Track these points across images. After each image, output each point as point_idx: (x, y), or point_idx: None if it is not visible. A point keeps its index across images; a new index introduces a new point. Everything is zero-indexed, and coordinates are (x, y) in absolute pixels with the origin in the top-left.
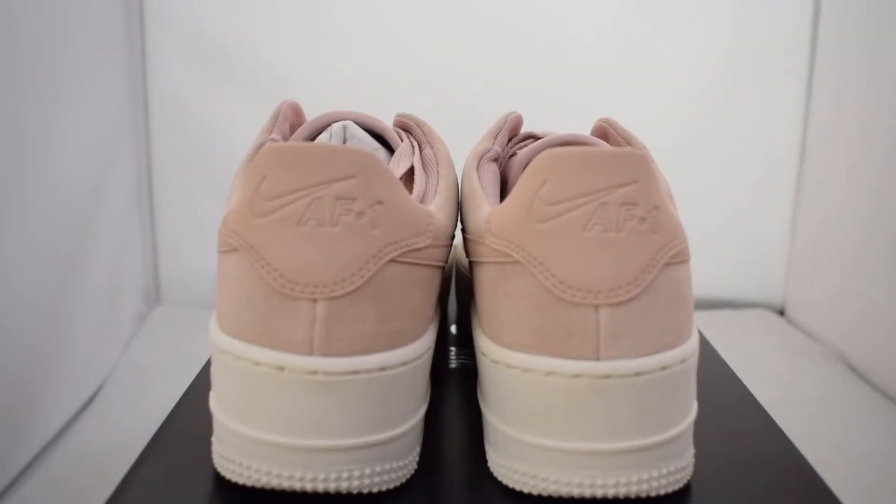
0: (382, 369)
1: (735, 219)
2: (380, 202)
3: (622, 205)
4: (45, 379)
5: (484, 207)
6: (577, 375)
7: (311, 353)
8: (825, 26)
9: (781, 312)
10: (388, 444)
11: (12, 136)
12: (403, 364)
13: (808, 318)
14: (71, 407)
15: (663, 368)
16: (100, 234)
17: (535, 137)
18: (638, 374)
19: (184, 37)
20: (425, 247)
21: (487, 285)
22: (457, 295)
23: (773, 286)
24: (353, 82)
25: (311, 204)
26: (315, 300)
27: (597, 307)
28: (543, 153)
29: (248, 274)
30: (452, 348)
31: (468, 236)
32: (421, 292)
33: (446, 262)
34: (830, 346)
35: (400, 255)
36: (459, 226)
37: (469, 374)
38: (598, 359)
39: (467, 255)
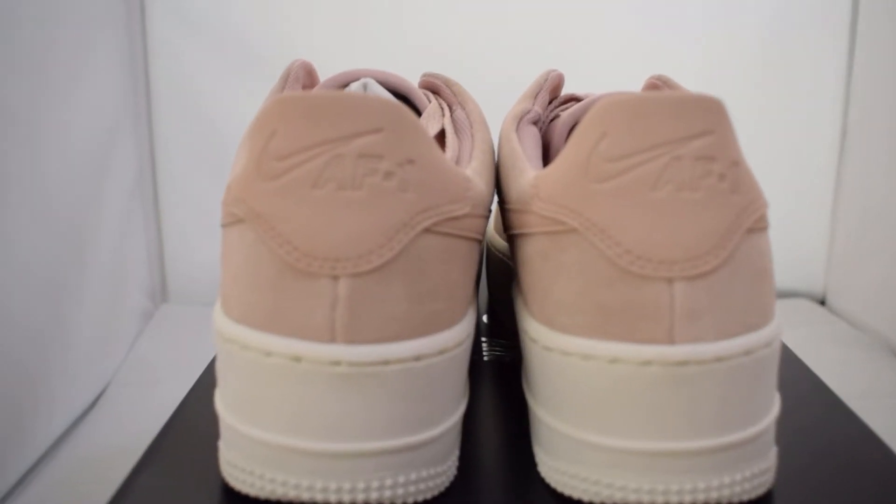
0: (417, 359)
1: (773, 207)
2: (410, 161)
3: (697, 159)
4: (48, 380)
5: (528, 171)
6: (648, 362)
7: (332, 340)
8: (865, 3)
9: (822, 302)
10: (424, 447)
11: (1, 125)
12: (441, 353)
13: (852, 308)
14: (75, 408)
15: (747, 353)
16: (101, 230)
17: (577, 99)
18: (719, 359)
19: (188, 15)
20: (464, 215)
21: (537, 260)
22: (487, 280)
23: (814, 275)
24: (369, 61)
25: (329, 163)
26: (336, 277)
27: (671, 280)
28: (602, 101)
29: (256, 248)
30: (484, 339)
31: (509, 206)
32: (459, 268)
33: (483, 236)
34: (877, 336)
35: (435, 224)
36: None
37: (505, 368)
38: (672, 342)
39: (507, 228)
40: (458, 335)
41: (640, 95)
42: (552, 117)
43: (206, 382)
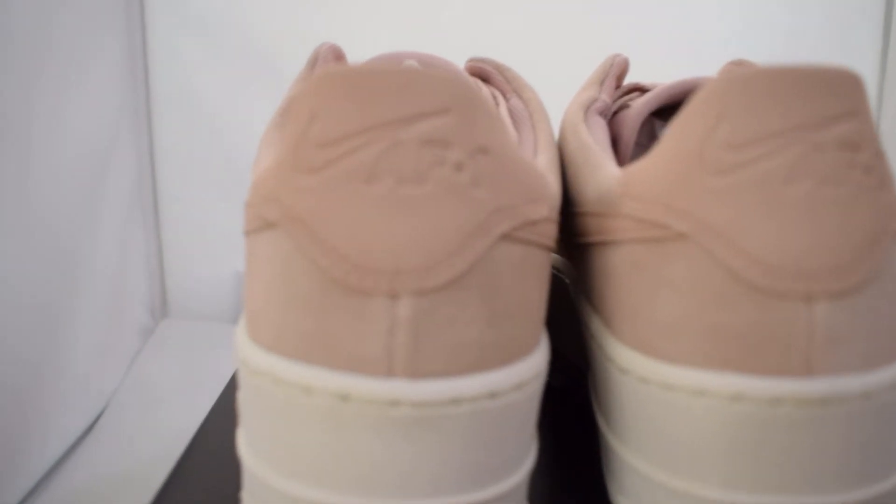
0: (492, 395)
1: None
2: (483, 150)
3: (840, 147)
4: (41, 404)
5: (607, 167)
6: (778, 400)
7: (390, 374)
8: None
9: None
10: (498, 503)
11: None
12: (519, 387)
13: None
14: (70, 434)
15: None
16: (98, 241)
17: (642, 90)
18: (866, 395)
19: (190, 14)
20: (542, 219)
21: (627, 272)
22: None
23: None
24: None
25: (386, 151)
26: (397, 295)
27: (810, 298)
28: (718, 78)
29: (293, 259)
30: None
31: (581, 209)
32: (536, 283)
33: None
34: None
35: (514, 229)
36: None
37: (555, 394)
38: (810, 374)
39: (579, 235)
40: (536, 364)
41: (767, 68)
42: (617, 108)
43: (222, 415)
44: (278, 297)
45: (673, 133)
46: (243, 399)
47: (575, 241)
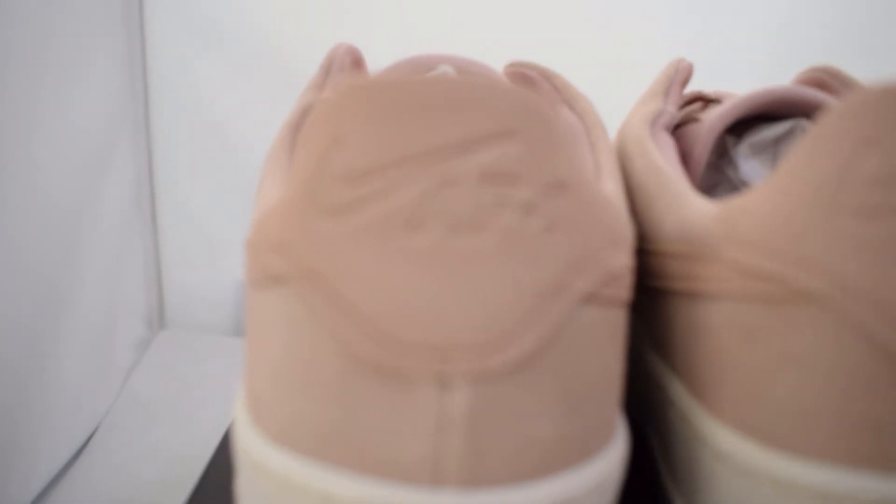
0: None
1: None
2: (561, 186)
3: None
4: (26, 426)
5: (692, 197)
6: None
7: (438, 482)
8: None
9: None
10: None
11: None
12: (599, 489)
13: None
14: (58, 458)
15: None
16: (91, 248)
17: (706, 100)
18: None
19: (190, 16)
20: (622, 268)
21: (737, 341)
22: None
23: None
24: (382, 65)
25: (433, 190)
26: (447, 380)
27: None
28: (867, 90)
29: (309, 327)
30: None
31: (657, 246)
32: (617, 353)
33: None
34: None
35: (595, 285)
36: None
37: None
38: None
39: (651, 276)
40: (615, 459)
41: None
42: (680, 122)
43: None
44: (288, 377)
45: (795, 159)
46: (244, 494)
47: (644, 282)
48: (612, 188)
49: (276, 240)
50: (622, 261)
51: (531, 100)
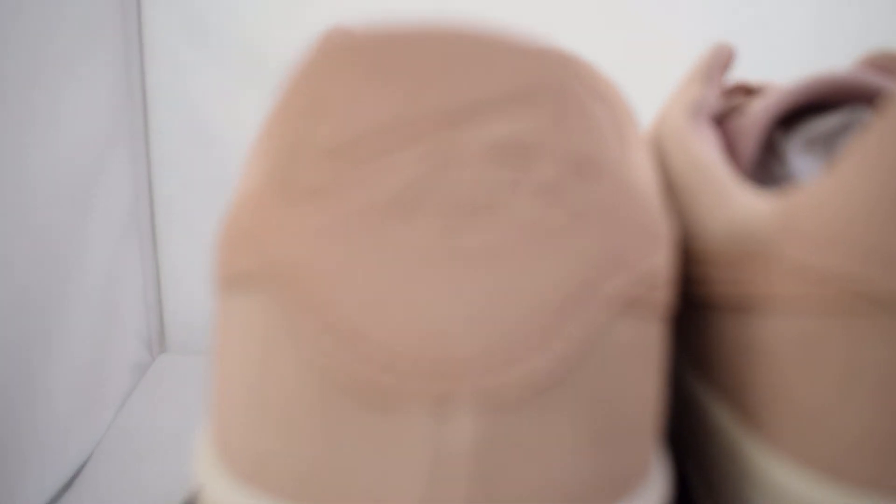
0: None
1: None
2: (588, 164)
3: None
4: (13, 456)
5: (738, 193)
6: None
7: None
8: None
9: None
10: None
11: None
12: None
13: None
14: (47, 491)
15: None
16: (87, 265)
17: (748, 90)
18: None
19: (190, 20)
20: (659, 270)
21: (792, 352)
22: None
23: None
24: None
25: (432, 167)
26: (447, 406)
27: None
28: None
29: (281, 338)
30: None
31: (699, 250)
32: (654, 374)
33: None
34: None
35: (628, 288)
36: None
37: None
38: None
39: (692, 283)
40: (653, 501)
41: None
42: (725, 110)
43: None
44: (257, 400)
45: (869, 150)
46: None
47: (685, 291)
48: (645, 180)
49: (250, 230)
50: (657, 262)
51: (558, 56)
